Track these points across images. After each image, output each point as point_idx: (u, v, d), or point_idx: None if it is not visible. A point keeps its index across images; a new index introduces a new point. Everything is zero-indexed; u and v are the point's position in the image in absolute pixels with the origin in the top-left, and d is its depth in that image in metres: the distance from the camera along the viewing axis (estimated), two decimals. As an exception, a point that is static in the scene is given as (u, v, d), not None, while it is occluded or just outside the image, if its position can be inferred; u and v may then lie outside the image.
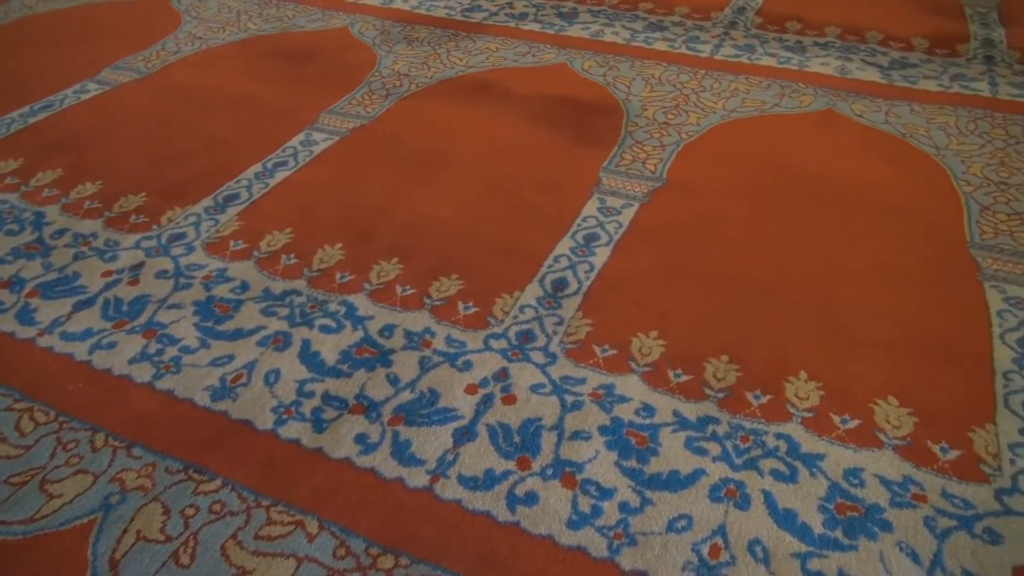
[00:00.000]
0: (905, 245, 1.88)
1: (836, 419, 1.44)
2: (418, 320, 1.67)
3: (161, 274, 1.80)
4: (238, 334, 1.63)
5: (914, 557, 1.21)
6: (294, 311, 1.69)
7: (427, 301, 1.72)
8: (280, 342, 1.61)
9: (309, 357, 1.57)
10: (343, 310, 1.70)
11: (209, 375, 1.53)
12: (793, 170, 2.18)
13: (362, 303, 1.72)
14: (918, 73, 2.71)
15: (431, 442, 1.40)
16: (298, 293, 1.75)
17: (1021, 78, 2.66)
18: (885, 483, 1.32)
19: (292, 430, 1.42)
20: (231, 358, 1.57)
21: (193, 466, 1.35)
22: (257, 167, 2.20)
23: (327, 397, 1.49)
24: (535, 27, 3.13)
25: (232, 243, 1.90)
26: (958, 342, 1.60)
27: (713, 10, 3.28)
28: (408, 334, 1.63)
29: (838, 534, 1.24)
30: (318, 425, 1.43)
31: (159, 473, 1.34)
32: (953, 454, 1.37)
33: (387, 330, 1.64)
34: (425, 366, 1.55)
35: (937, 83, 2.64)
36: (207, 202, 2.05)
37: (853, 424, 1.43)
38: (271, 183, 2.14)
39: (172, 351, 1.59)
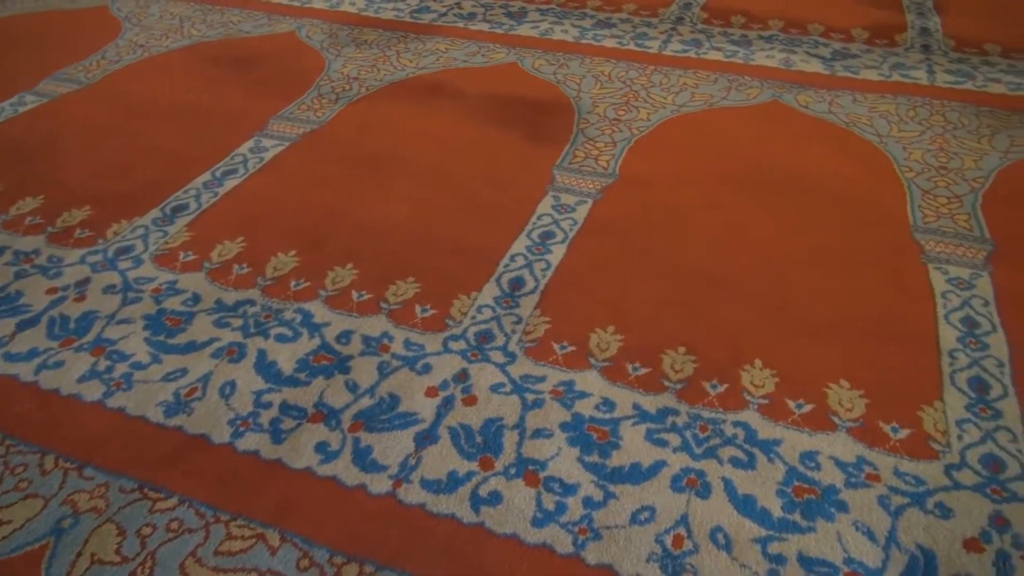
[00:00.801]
0: (852, 231, 1.93)
1: (791, 404, 1.47)
2: (375, 325, 1.66)
3: (109, 289, 1.76)
4: (191, 347, 1.60)
5: (870, 535, 1.24)
6: (248, 321, 1.67)
7: (384, 305, 1.71)
8: (235, 353, 1.58)
9: (265, 367, 1.55)
10: (299, 318, 1.67)
11: (162, 390, 1.50)
12: (742, 162, 2.22)
13: (318, 310, 1.70)
14: (859, 63, 2.77)
15: (393, 447, 1.39)
16: (252, 303, 1.72)
17: (956, 65, 2.75)
18: (840, 465, 1.35)
19: (250, 442, 1.40)
20: (184, 372, 1.54)
21: (148, 484, 1.32)
22: (206, 176, 2.16)
23: (285, 407, 1.47)
24: (484, 27, 3.13)
25: (182, 254, 1.86)
26: (905, 324, 1.65)
27: (660, 6, 3.32)
28: (366, 339, 1.62)
29: (796, 517, 1.27)
30: (277, 436, 1.41)
31: (113, 493, 1.30)
32: (904, 433, 1.41)
33: (344, 336, 1.63)
34: (384, 371, 1.54)
35: (878, 72, 2.71)
36: (155, 213, 2.01)
37: (807, 408, 1.46)
38: (221, 192, 2.10)
39: (123, 367, 1.55)
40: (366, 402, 1.48)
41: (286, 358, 1.57)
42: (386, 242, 1.92)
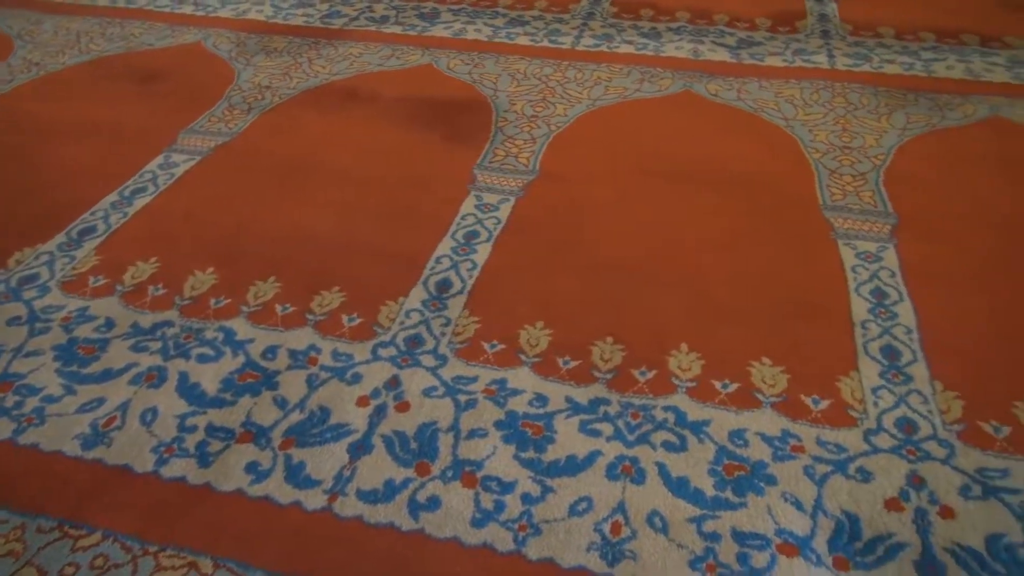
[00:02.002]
0: (765, 213, 1.99)
1: (717, 385, 1.51)
2: (302, 338, 1.62)
3: (14, 321, 1.67)
4: (107, 375, 1.53)
5: (798, 505, 1.28)
6: (167, 343, 1.61)
7: (310, 317, 1.68)
8: (154, 378, 1.52)
9: (188, 390, 1.50)
10: (221, 336, 1.63)
11: (78, 422, 1.43)
12: (658, 152, 2.26)
13: (241, 327, 1.65)
14: (764, 51, 2.87)
15: (326, 461, 1.36)
16: (170, 324, 1.66)
17: (854, 48, 2.87)
18: (766, 440, 1.40)
19: (176, 468, 1.35)
20: (101, 401, 1.47)
21: (68, 522, 1.26)
22: (113, 196, 2.08)
23: (211, 429, 1.42)
24: (397, 29, 3.10)
25: (91, 279, 1.79)
26: (819, 299, 1.71)
27: (571, 2, 3.35)
28: (292, 353, 1.58)
29: (728, 494, 1.30)
30: (204, 459, 1.36)
31: (30, 534, 1.24)
32: (824, 404, 1.47)
33: (270, 352, 1.59)
34: (313, 384, 1.51)
35: (781, 59, 2.80)
36: (60, 238, 1.92)
37: (733, 388, 1.50)
38: (130, 211, 2.02)
39: (33, 402, 1.47)
40: (296, 417, 1.45)
41: (210, 378, 1.53)
42: (309, 252, 1.88)
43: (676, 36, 3.00)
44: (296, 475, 1.33)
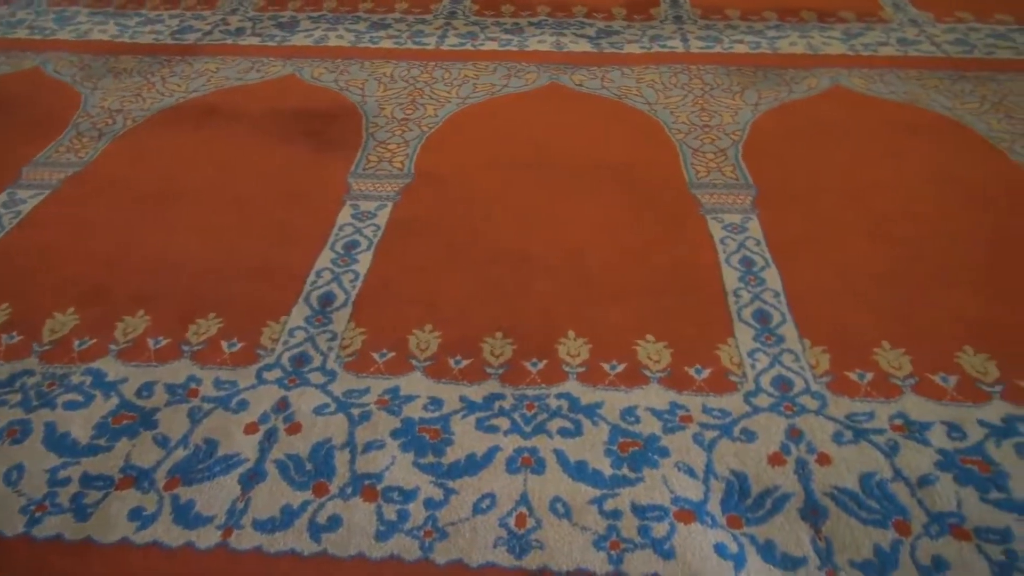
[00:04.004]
0: (637, 195, 2.06)
1: (606, 367, 1.55)
2: (179, 371, 1.55)
3: None
4: (-39, 437, 1.41)
5: (690, 472, 1.34)
6: (29, 394, 1.49)
7: (186, 348, 1.60)
8: (17, 433, 1.41)
9: (56, 441, 1.40)
10: (89, 379, 1.52)
11: (-69, 493, 1.31)
12: (530, 145, 2.30)
13: (111, 367, 1.56)
14: (622, 39, 2.96)
15: (217, 495, 1.30)
16: (30, 373, 1.54)
17: (705, 31, 3.01)
18: (656, 414, 1.45)
19: (50, 526, 1.25)
20: (-43, 466, 1.35)
21: (-71, 602, 1.15)
22: (-48, 242, 1.91)
23: (87, 479, 1.33)
24: (255, 41, 3.00)
25: (-66, 334, 1.64)
26: (693, 273, 1.79)
27: (432, 2, 3.35)
28: (170, 388, 1.51)
29: (625, 471, 1.34)
30: (81, 512, 1.28)
31: None
32: (706, 373, 1.53)
33: (145, 389, 1.50)
34: (196, 417, 1.44)
35: (640, 46, 2.90)
36: None
37: (621, 368, 1.54)
38: (-27, 257, 1.86)
39: None
40: (180, 454, 1.38)
41: (80, 426, 1.43)
42: (180, 280, 1.79)
43: (538, 30, 3.05)
44: (185, 515, 1.27)
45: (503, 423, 1.43)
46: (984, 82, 2.57)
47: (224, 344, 1.61)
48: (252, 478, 1.33)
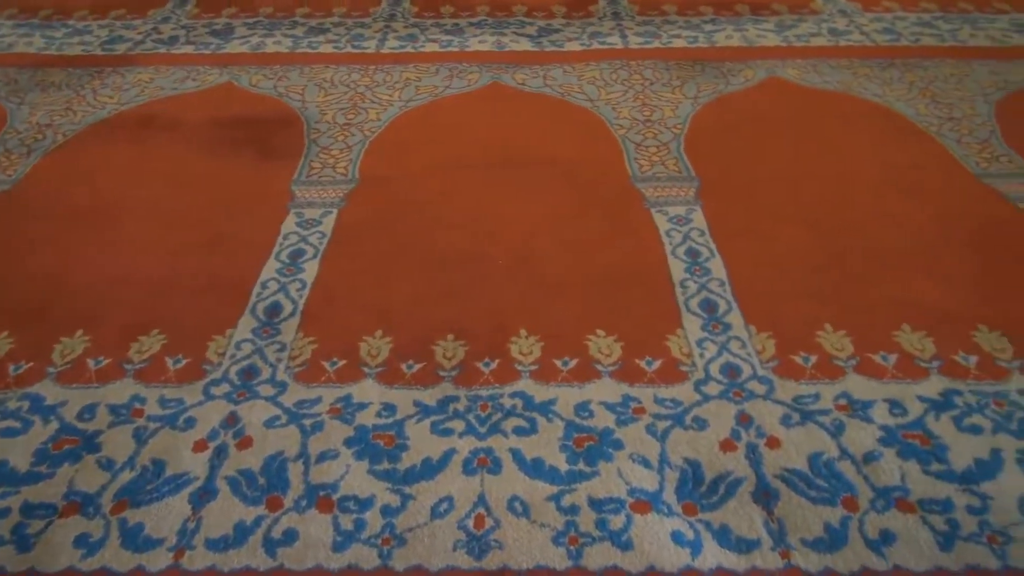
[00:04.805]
0: (582, 191, 2.08)
1: (558, 364, 1.55)
2: (122, 391, 1.50)
3: None
4: None
5: (645, 463, 1.35)
6: (-38, 424, 1.44)
7: (128, 367, 1.56)
8: (-50, 465, 1.36)
9: (-6, 471, 1.35)
10: (26, 405, 1.47)
11: None
12: (474, 145, 2.30)
13: (49, 390, 1.50)
14: (563, 37, 2.98)
15: (166, 516, 1.27)
16: (-37, 402, 1.48)
17: (643, 27, 3.05)
18: (609, 407, 1.46)
19: (-9, 560, 1.21)
20: None
21: None
22: None
23: (28, 508, 1.28)
24: (189, 49, 2.93)
25: None
26: (641, 266, 1.81)
27: (371, 6, 3.32)
28: (113, 409, 1.46)
29: (581, 466, 1.35)
30: (23, 543, 1.23)
31: None
32: (657, 364, 1.55)
33: (87, 412, 1.46)
34: (141, 437, 1.41)
35: (580, 43, 2.93)
36: None
37: (573, 364, 1.55)
38: None
39: None
40: (126, 476, 1.34)
41: (19, 453, 1.38)
42: (120, 298, 1.74)
43: (478, 30, 3.05)
44: (134, 538, 1.23)
45: (458, 425, 1.43)
46: (911, 69, 2.66)
47: (169, 361, 1.57)
48: (203, 496, 1.30)
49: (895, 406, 1.44)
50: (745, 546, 1.21)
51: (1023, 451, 1.35)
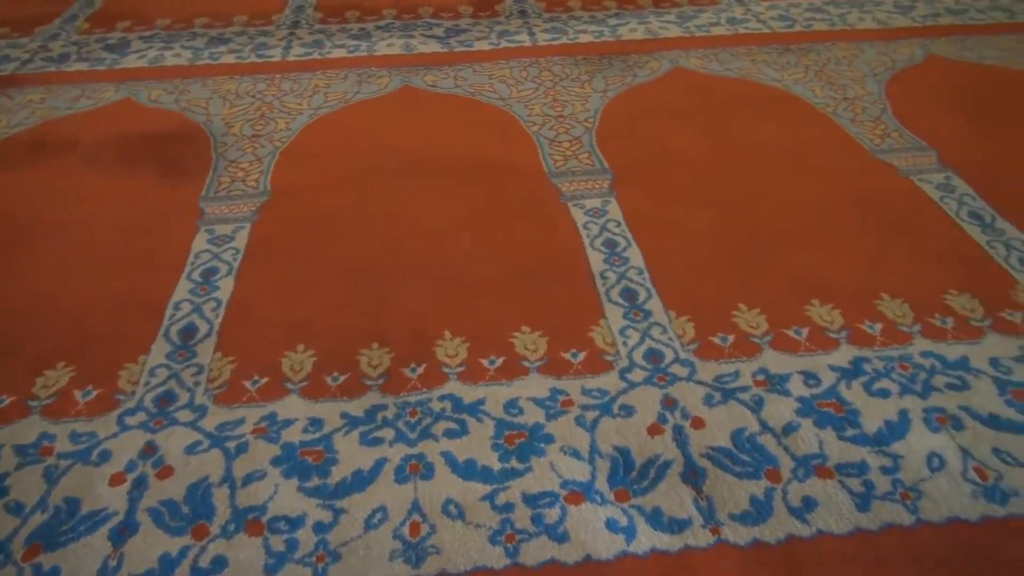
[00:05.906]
0: (499, 189, 2.08)
1: (485, 363, 1.56)
2: (28, 430, 1.42)
3: None
4: None
5: (576, 455, 1.37)
6: None
7: (33, 404, 1.48)
8: None
9: None
10: (-78, 453, 1.38)
11: None
12: (387, 150, 2.27)
13: (-53, 436, 1.41)
14: (471, 37, 2.98)
15: (85, 557, 1.21)
16: None
17: (550, 24, 3.08)
18: (538, 402, 1.47)
19: None
20: None
21: None
22: None
23: (-70, 563, 1.21)
24: (83, 66, 2.80)
25: None
26: (561, 261, 1.83)
27: (273, 12, 3.24)
28: (19, 450, 1.38)
29: (514, 463, 1.35)
30: (-73, 601, 1.16)
31: None
32: (582, 356, 1.57)
33: (-9, 455, 1.38)
34: (52, 477, 1.34)
35: (488, 42, 2.93)
36: None
37: (500, 362, 1.56)
38: None
39: None
40: (38, 519, 1.27)
41: (-83, 506, 1.29)
42: (21, 331, 1.65)
43: (386, 34, 3.02)
44: (51, 583, 1.17)
45: (388, 434, 1.41)
46: (806, 53, 2.78)
47: (78, 394, 1.50)
48: (123, 532, 1.25)
49: (809, 377, 1.50)
50: (677, 526, 1.24)
51: (928, 410, 1.42)
